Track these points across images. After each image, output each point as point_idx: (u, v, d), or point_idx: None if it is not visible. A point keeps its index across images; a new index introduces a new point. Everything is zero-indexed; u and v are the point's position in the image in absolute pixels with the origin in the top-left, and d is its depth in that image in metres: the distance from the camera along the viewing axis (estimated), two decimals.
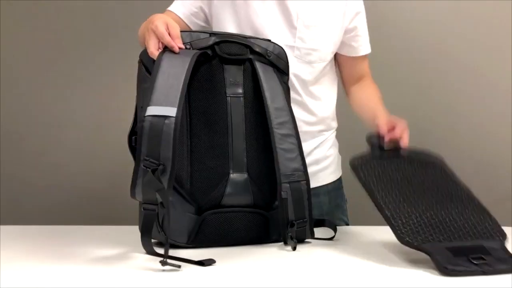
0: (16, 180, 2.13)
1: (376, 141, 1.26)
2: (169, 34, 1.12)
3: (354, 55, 1.49)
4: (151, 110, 1.01)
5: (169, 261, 0.91)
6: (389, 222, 1.02)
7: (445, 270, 0.89)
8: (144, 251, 0.99)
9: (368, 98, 1.49)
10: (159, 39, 1.12)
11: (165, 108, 1.01)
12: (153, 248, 0.98)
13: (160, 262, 0.90)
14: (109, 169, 2.09)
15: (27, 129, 2.14)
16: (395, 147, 1.24)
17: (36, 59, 2.15)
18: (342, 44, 1.46)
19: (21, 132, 2.15)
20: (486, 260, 0.92)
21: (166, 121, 1.00)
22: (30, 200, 2.12)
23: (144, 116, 1.01)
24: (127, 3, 2.10)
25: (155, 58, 1.10)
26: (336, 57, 1.50)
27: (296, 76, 1.38)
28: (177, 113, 1.01)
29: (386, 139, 1.25)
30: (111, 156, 2.05)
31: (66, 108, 2.14)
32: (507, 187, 2.02)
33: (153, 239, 1.08)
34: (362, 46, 1.49)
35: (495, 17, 2.05)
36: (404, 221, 1.01)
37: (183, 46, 1.12)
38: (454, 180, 1.17)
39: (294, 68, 1.35)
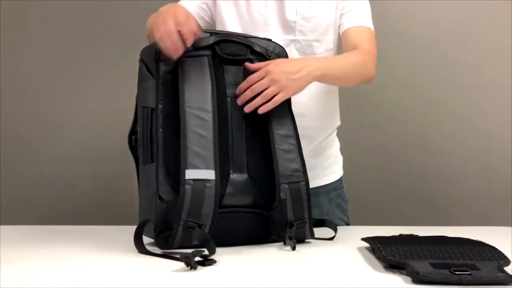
0: (16, 180, 2.13)
1: None
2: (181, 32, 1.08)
3: (340, 31, 1.44)
4: (191, 174, 1.04)
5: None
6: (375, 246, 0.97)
7: (416, 275, 0.80)
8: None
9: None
10: (177, 26, 1.07)
11: (203, 172, 1.05)
12: (145, 248, 1.00)
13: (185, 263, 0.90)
14: (109, 169, 2.09)
15: (27, 129, 2.14)
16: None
17: (36, 59, 2.15)
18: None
19: (21, 132, 2.15)
20: (471, 273, 0.80)
21: (208, 184, 1.04)
22: (30, 200, 2.12)
23: (185, 180, 1.03)
24: (127, 3, 2.10)
25: (172, 57, 1.09)
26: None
27: None
28: (216, 176, 1.05)
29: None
30: (112, 156, 2.06)
31: (66, 108, 2.14)
32: (507, 188, 2.02)
33: (152, 238, 1.09)
34: (347, 21, 1.43)
35: (495, 17, 2.05)
36: (393, 248, 0.93)
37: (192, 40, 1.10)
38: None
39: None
